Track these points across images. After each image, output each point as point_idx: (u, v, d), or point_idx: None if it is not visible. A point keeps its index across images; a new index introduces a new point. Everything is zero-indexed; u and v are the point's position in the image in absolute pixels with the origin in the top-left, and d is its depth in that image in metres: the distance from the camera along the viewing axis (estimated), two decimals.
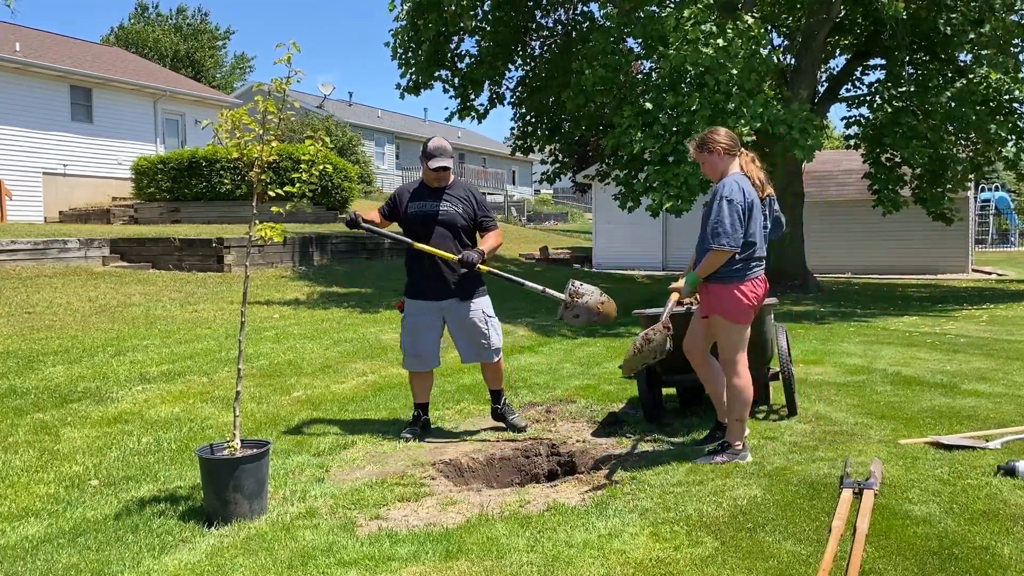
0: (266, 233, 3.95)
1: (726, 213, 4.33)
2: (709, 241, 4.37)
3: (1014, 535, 3.42)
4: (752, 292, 4.46)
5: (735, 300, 4.43)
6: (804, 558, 3.25)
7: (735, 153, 4.57)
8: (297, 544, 3.48)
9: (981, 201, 32.18)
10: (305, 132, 6.15)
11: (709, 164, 4.59)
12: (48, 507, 3.95)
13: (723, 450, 4.53)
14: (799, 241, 16.02)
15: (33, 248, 13.66)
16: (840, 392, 6.33)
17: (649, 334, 4.43)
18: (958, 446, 4.63)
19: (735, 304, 4.44)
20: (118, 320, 10.26)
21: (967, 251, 22.40)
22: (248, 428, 5.32)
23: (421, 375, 5.42)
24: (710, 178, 4.65)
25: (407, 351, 5.39)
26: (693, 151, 4.67)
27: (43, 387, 6.49)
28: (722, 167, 4.56)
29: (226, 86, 45.19)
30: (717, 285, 4.44)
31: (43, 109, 21.34)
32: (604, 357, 8.22)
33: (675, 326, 4.58)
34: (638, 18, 13.58)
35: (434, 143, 5.22)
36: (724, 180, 4.48)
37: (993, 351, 8.25)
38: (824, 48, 16.49)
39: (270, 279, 14.42)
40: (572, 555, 3.32)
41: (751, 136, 11.54)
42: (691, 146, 4.72)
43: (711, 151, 4.54)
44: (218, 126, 3.96)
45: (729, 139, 4.57)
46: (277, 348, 8.42)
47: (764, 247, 4.57)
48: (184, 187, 19.66)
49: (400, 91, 17.00)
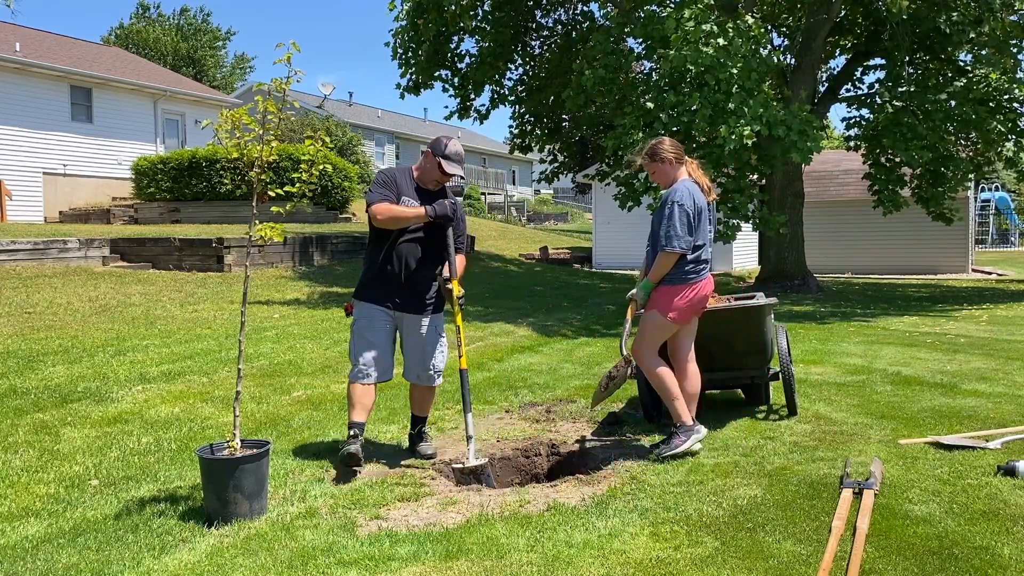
0: (266, 233, 3.95)
1: (677, 216, 4.57)
2: (662, 244, 4.60)
3: (1014, 535, 3.42)
4: (695, 294, 4.70)
5: (677, 299, 4.66)
6: (804, 558, 3.25)
7: (683, 160, 4.81)
8: (297, 544, 3.48)
9: (981, 201, 32.20)
10: (305, 132, 6.12)
11: (660, 173, 4.79)
12: (48, 507, 3.95)
13: (675, 434, 4.67)
14: (799, 241, 16.02)
15: (33, 248, 13.66)
16: (840, 392, 6.33)
17: (613, 372, 4.85)
18: (958, 446, 4.63)
19: (675, 303, 4.66)
20: (118, 320, 10.26)
21: (967, 251, 22.40)
22: (248, 428, 5.32)
23: (368, 389, 4.64)
24: (660, 185, 4.85)
25: (357, 360, 4.62)
26: (643, 162, 4.87)
27: (43, 387, 6.49)
28: (672, 174, 4.77)
29: (226, 86, 45.21)
30: (666, 286, 4.67)
31: (43, 109, 21.35)
32: (604, 357, 8.22)
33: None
34: (638, 18, 13.59)
35: (455, 146, 4.74)
36: (675, 186, 4.70)
37: (993, 351, 8.25)
38: (824, 48, 16.49)
39: (270, 279, 14.42)
40: (572, 555, 3.32)
41: (751, 138, 11.54)
42: (639, 158, 4.92)
43: (662, 160, 4.76)
44: (218, 126, 3.96)
45: (675, 148, 4.82)
46: (277, 348, 8.42)
47: (710, 250, 4.83)
48: (184, 187, 19.67)
49: (400, 91, 17.03)
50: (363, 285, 4.76)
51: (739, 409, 5.79)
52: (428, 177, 4.76)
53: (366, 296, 4.71)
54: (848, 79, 17.69)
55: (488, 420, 5.77)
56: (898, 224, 20.10)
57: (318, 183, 19.11)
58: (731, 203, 12.65)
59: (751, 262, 22.78)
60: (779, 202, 15.47)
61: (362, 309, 4.70)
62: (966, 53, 15.24)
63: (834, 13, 15.46)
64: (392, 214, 4.57)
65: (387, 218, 4.57)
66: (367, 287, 4.73)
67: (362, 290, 4.75)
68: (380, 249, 4.69)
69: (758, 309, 5.17)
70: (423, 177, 4.78)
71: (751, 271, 21.06)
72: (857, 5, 15.83)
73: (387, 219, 4.58)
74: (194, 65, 43.21)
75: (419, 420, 4.99)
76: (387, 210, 4.57)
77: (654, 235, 4.71)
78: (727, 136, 11.47)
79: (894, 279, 20.20)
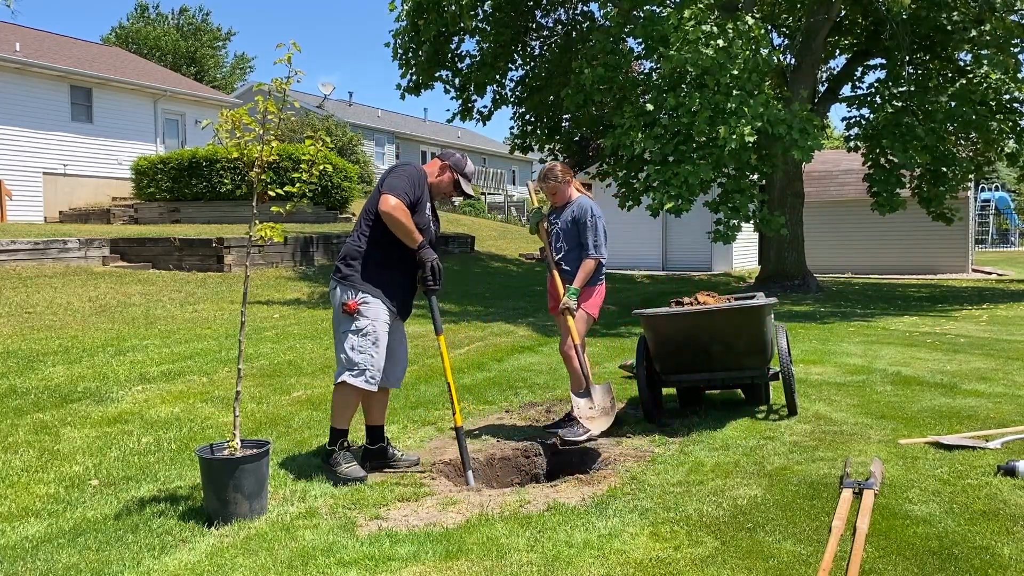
0: (266, 233, 3.95)
1: (600, 228, 5.34)
2: (592, 252, 5.28)
3: (1014, 535, 3.42)
4: (603, 293, 5.49)
5: (596, 297, 5.41)
6: (804, 558, 3.25)
7: (571, 179, 5.51)
8: (297, 544, 3.48)
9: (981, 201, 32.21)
10: (305, 132, 6.12)
11: (561, 192, 5.42)
12: (48, 507, 3.95)
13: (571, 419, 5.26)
14: (799, 241, 16.02)
15: (33, 248, 13.66)
16: (840, 392, 6.33)
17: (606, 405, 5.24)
18: (958, 446, 4.63)
19: (596, 301, 5.41)
20: (118, 320, 10.26)
21: (967, 251, 22.40)
22: (248, 428, 5.32)
23: (375, 394, 4.49)
24: (557, 203, 5.44)
25: (377, 365, 4.35)
26: (554, 183, 5.38)
27: (43, 387, 6.49)
28: (569, 192, 5.47)
29: (226, 86, 45.21)
30: (588, 287, 5.34)
31: (43, 109, 21.35)
32: (604, 357, 8.22)
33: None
34: (638, 18, 13.59)
35: (471, 165, 4.78)
36: (581, 202, 5.38)
37: (993, 351, 8.25)
38: (824, 48, 16.49)
39: (270, 279, 14.42)
40: (572, 555, 3.32)
41: (752, 136, 11.55)
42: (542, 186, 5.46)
43: (567, 182, 5.44)
44: (218, 126, 3.96)
45: (567, 169, 5.52)
46: (277, 348, 8.42)
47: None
48: (184, 187, 19.67)
49: (401, 91, 17.03)
50: (379, 285, 4.38)
51: (739, 409, 5.79)
52: (440, 190, 4.66)
53: (382, 296, 4.38)
54: (848, 79, 17.70)
55: (488, 420, 5.77)
56: (898, 224, 20.12)
57: (318, 183, 19.13)
58: (731, 203, 12.65)
59: (751, 262, 22.79)
60: (779, 202, 15.47)
61: (375, 310, 4.35)
62: (966, 53, 15.23)
63: (834, 13, 15.47)
64: (403, 221, 4.29)
65: (397, 221, 4.27)
66: (383, 286, 4.39)
67: (379, 290, 4.38)
68: (391, 251, 4.40)
69: (758, 309, 5.17)
70: (436, 188, 4.63)
71: (751, 271, 21.07)
72: (857, 5, 15.83)
73: (395, 222, 4.27)
74: (194, 65, 43.21)
75: (381, 430, 4.68)
76: (404, 215, 4.29)
77: (577, 246, 5.30)
78: (727, 137, 11.47)
79: (894, 279, 20.20)
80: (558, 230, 5.40)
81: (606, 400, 5.15)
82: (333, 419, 4.43)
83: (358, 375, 4.31)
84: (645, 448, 4.90)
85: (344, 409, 4.40)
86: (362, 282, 4.38)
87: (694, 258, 22.81)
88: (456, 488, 4.31)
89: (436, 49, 16.43)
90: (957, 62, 15.81)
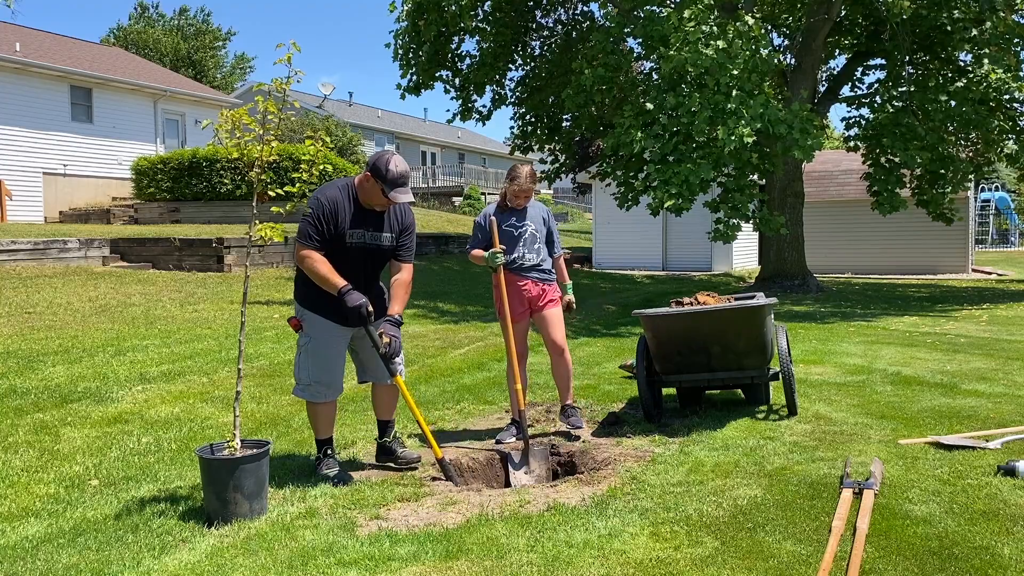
0: (266, 233, 3.95)
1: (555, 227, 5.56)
2: (559, 250, 5.51)
3: (1014, 535, 3.42)
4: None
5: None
6: (804, 558, 3.25)
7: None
8: (297, 544, 3.48)
9: (981, 201, 32.20)
10: (305, 132, 6.12)
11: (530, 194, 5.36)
12: (48, 507, 3.95)
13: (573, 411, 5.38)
14: (799, 241, 16.02)
15: (33, 248, 13.66)
16: (840, 392, 6.33)
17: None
18: (958, 446, 4.63)
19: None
20: (118, 320, 10.26)
21: (967, 251, 22.39)
22: (248, 428, 5.32)
23: (330, 404, 4.47)
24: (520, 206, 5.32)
25: (318, 379, 4.34)
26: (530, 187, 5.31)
27: (43, 387, 6.49)
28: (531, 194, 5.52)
29: (226, 86, 45.20)
30: (552, 285, 5.41)
31: (43, 109, 21.36)
32: (604, 357, 8.21)
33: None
34: (638, 18, 13.59)
35: (397, 166, 4.14)
36: (538, 204, 5.45)
37: (993, 351, 8.25)
38: (824, 48, 16.48)
39: (270, 279, 14.42)
40: (572, 555, 3.32)
41: (752, 137, 11.55)
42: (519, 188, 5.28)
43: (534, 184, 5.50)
44: (218, 126, 3.96)
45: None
46: (277, 348, 8.41)
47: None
48: (184, 187, 19.68)
49: (401, 91, 17.03)
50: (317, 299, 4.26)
51: (739, 409, 5.79)
52: (372, 199, 4.24)
53: (324, 311, 4.27)
54: (848, 79, 17.69)
55: (488, 420, 5.77)
56: (898, 224, 20.09)
57: (318, 183, 19.08)
58: (731, 203, 12.65)
59: (751, 262, 22.77)
60: (779, 202, 15.47)
61: (318, 327, 4.30)
62: (966, 53, 15.22)
63: (834, 13, 15.46)
64: (314, 271, 4.14)
65: (309, 271, 4.17)
66: (319, 300, 4.25)
67: (318, 305, 4.27)
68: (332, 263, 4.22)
69: (758, 309, 5.17)
70: (367, 197, 4.25)
71: (751, 271, 21.05)
72: (857, 5, 15.82)
73: (308, 272, 4.18)
74: (194, 66, 43.20)
75: (389, 424, 4.70)
76: (312, 264, 4.14)
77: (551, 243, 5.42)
78: (727, 137, 11.48)
79: (894, 279, 20.19)
80: (532, 232, 5.28)
81: (543, 468, 4.79)
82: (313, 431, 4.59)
83: (303, 389, 4.43)
84: (645, 448, 4.90)
85: (313, 420, 4.52)
86: (302, 299, 4.38)
87: (694, 258, 22.79)
88: (456, 488, 4.31)
89: (436, 49, 16.43)
90: (957, 62, 15.80)
